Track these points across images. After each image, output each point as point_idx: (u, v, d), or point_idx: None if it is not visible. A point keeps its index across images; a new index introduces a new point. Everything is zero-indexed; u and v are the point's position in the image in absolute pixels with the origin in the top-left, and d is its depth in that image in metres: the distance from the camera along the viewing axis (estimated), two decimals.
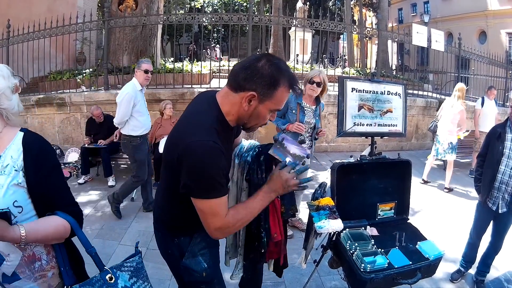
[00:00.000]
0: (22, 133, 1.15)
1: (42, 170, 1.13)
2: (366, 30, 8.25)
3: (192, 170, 1.16)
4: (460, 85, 5.21)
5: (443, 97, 8.08)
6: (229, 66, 8.50)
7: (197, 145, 1.15)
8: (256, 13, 7.56)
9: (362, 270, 1.82)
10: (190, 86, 6.61)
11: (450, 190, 5.09)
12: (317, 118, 3.32)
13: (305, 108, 3.27)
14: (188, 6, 18.47)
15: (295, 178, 1.32)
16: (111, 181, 4.85)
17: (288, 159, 1.40)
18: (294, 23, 7.42)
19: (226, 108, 1.26)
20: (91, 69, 8.16)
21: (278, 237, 1.71)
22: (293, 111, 3.24)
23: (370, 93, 2.36)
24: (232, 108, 1.26)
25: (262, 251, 1.71)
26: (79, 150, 5.24)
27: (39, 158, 1.14)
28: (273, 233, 1.69)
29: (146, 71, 3.65)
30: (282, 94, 1.23)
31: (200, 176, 1.16)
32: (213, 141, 1.17)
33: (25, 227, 1.02)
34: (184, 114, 1.38)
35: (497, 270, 2.95)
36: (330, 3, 24.97)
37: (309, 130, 3.32)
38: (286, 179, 1.30)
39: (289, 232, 3.54)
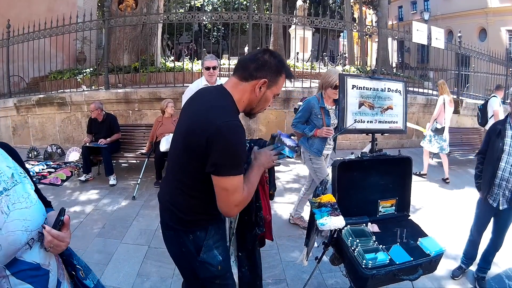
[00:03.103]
0: None
1: (27, 170, 1.15)
2: (366, 28, 8.23)
3: (223, 149, 1.26)
4: (443, 80, 5.74)
5: None
6: (229, 64, 8.49)
7: (227, 125, 1.27)
8: (256, 12, 7.54)
9: (363, 266, 1.82)
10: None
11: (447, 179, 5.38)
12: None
13: (329, 111, 3.26)
14: (188, 5, 18.41)
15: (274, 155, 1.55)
16: (112, 180, 4.85)
17: (286, 149, 1.67)
18: (294, 21, 7.39)
19: (237, 96, 1.41)
20: (91, 69, 8.17)
21: (269, 218, 1.93)
22: (318, 116, 3.21)
23: (370, 90, 2.36)
24: (243, 95, 1.41)
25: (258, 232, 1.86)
26: (80, 150, 5.24)
27: (20, 160, 1.15)
28: (265, 215, 1.88)
29: (207, 68, 3.73)
30: (283, 81, 1.47)
31: (230, 154, 1.28)
32: (239, 121, 1.32)
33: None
34: (198, 104, 1.45)
35: (498, 266, 2.96)
36: (330, 1, 24.93)
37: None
38: (270, 154, 1.53)
39: None
